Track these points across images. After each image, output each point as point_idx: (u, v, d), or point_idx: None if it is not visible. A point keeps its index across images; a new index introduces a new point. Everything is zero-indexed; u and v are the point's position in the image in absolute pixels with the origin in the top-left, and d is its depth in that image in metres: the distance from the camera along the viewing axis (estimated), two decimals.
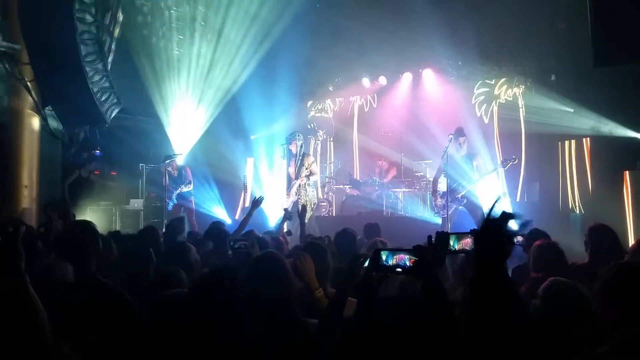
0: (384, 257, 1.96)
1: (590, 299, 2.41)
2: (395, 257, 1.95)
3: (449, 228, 6.89)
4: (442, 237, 2.07)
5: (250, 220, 9.01)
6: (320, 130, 12.84)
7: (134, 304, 1.98)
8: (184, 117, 11.27)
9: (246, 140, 12.14)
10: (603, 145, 8.35)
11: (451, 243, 2.11)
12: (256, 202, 5.65)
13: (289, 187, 7.91)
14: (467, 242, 2.10)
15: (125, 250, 4.00)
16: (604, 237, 3.72)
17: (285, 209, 5.70)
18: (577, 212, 8.88)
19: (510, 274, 2.50)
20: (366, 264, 2.21)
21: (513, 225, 1.78)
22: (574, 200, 9.00)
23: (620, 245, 3.79)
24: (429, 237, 1.97)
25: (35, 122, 8.68)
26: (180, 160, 9.88)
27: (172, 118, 11.08)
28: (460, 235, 2.12)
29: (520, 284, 3.21)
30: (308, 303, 2.66)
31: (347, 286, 2.24)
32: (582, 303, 2.39)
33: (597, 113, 8.10)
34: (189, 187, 9.27)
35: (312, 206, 7.95)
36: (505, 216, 1.68)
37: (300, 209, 7.66)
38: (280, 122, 11.88)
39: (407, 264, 1.93)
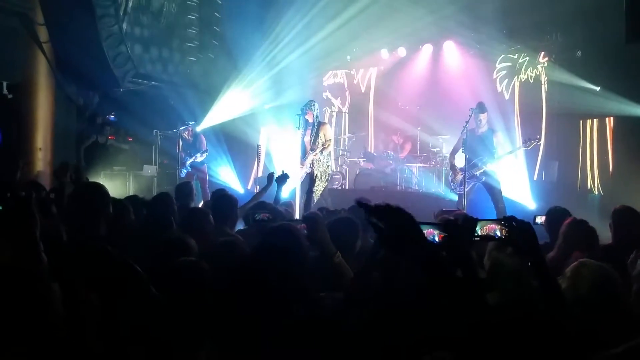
0: None
1: (619, 284, 2.31)
2: (424, 232, 1.87)
3: (464, 205, 6.78)
4: (470, 221, 1.98)
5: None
6: (335, 102, 12.66)
7: (143, 274, 1.92)
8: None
9: (260, 110, 12.02)
10: (627, 125, 8.13)
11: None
12: (270, 177, 5.50)
13: (304, 157, 7.81)
14: (492, 228, 2.02)
15: (140, 216, 3.95)
16: (629, 220, 3.61)
17: (281, 176, 5.35)
18: (596, 192, 8.72)
19: None
20: None
21: None
22: (593, 181, 8.84)
23: None
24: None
25: (50, 85, 8.64)
26: (197, 128, 9.84)
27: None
28: (483, 222, 2.04)
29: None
30: (326, 272, 2.59)
31: (373, 260, 2.16)
32: (612, 289, 2.29)
33: (623, 92, 7.85)
34: (203, 156, 9.21)
35: (327, 177, 7.85)
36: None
37: (311, 179, 7.63)
38: (294, 92, 11.70)
39: (436, 239, 1.85)
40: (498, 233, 1.95)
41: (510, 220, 1.91)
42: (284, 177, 5.25)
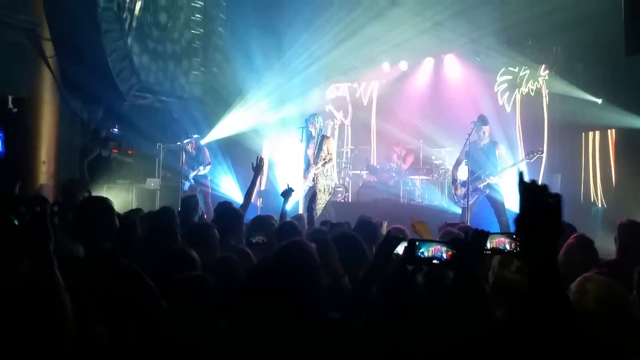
0: (419, 248, 1.88)
1: (626, 299, 2.31)
2: (431, 248, 1.87)
3: (468, 218, 6.78)
4: (481, 235, 1.97)
5: (263, 204, 8.91)
6: (337, 115, 12.71)
7: (155, 288, 1.93)
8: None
9: (263, 123, 12.07)
10: (629, 137, 8.15)
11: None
12: (257, 167, 5.53)
13: (307, 170, 7.82)
14: (502, 242, 2.02)
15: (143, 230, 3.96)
16: (635, 233, 3.60)
17: (284, 190, 5.36)
18: (599, 205, 8.71)
19: None
20: (397, 251, 2.14)
21: None
22: (596, 194, 8.83)
23: None
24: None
25: (55, 99, 8.71)
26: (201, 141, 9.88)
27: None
28: (492, 236, 2.03)
29: None
30: (334, 293, 2.59)
31: (376, 273, 2.16)
32: (617, 303, 2.28)
33: (625, 104, 7.88)
34: (207, 169, 9.26)
35: (330, 190, 7.85)
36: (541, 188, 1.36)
37: (312, 195, 7.62)
38: (298, 104, 11.76)
39: (444, 256, 1.85)
40: (507, 247, 1.95)
41: None
42: (289, 192, 5.24)
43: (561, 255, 3.37)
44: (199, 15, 11.11)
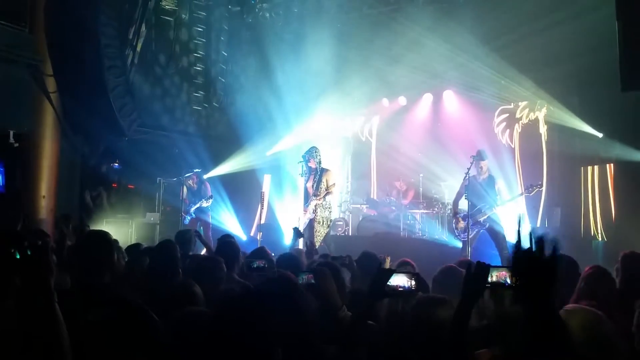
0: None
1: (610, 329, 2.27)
2: (495, 274, 1.89)
3: (469, 252, 6.74)
4: (483, 268, 1.97)
5: (263, 238, 8.91)
6: (337, 149, 12.76)
7: (159, 323, 1.91)
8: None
9: (262, 157, 12.12)
10: (628, 171, 8.18)
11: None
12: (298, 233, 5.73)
13: (306, 203, 7.82)
14: (503, 275, 2.02)
15: (141, 264, 3.94)
16: (637, 265, 3.58)
17: (295, 228, 5.65)
18: (600, 239, 8.68)
19: None
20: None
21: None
22: (596, 227, 8.81)
23: None
24: None
25: (56, 134, 8.75)
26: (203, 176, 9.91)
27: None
28: (494, 269, 2.03)
29: None
30: (329, 325, 2.55)
31: (371, 306, 2.14)
32: (601, 333, 2.24)
33: (622, 138, 7.94)
34: (209, 202, 9.27)
35: (329, 223, 7.85)
36: (540, 241, 1.47)
37: (312, 226, 7.64)
38: (297, 139, 11.83)
39: (508, 281, 1.88)
40: (508, 280, 1.95)
41: None
42: (297, 233, 5.63)
43: (579, 284, 3.32)
44: (201, 52, 11.29)
